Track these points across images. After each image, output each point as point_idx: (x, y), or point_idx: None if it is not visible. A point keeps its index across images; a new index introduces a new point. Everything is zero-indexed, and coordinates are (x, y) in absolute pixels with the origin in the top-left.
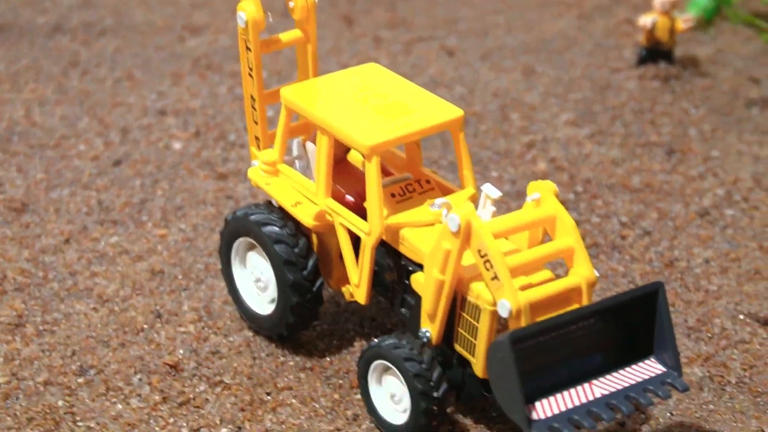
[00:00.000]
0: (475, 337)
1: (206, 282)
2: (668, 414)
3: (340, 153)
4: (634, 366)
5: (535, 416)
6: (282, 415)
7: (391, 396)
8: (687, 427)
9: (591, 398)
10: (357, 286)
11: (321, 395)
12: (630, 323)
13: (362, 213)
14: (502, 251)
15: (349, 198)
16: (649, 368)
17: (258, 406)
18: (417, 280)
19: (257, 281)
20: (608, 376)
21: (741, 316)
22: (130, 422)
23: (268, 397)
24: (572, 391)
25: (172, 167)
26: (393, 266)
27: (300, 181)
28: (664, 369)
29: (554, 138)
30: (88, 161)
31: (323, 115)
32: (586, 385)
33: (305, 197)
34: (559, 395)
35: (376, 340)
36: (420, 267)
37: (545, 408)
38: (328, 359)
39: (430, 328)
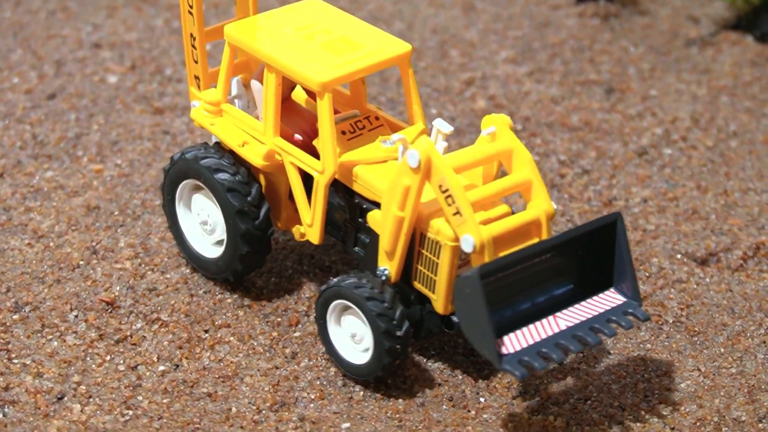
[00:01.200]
0: (435, 273)
1: (143, 218)
2: (608, 353)
3: (286, 91)
4: (594, 297)
5: (504, 351)
6: (220, 352)
7: (352, 336)
8: (624, 366)
9: (557, 330)
10: (310, 225)
11: (259, 333)
12: (590, 255)
13: (311, 152)
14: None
15: (297, 137)
16: (610, 299)
17: (196, 344)
18: (374, 218)
19: (204, 224)
20: (571, 308)
21: (678, 256)
22: (66, 359)
23: (206, 335)
24: (538, 324)
25: (108, 101)
26: (345, 205)
27: (246, 120)
28: (624, 299)
29: (493, 75)
30: (22, 94)
31: (271, 52)
32: (550, 317)
33: (252, 137)
34: (525, 329)
35: (334, 279)
36: (375, 205)
37: (513, 342)
38: (266, 297)
39: (388, 266)
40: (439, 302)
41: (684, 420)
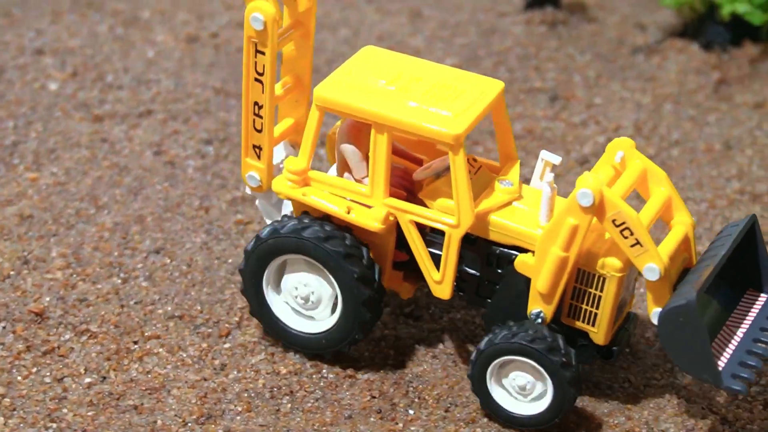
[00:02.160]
0: (595, 306)
1: (77, 227)
2: None
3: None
4: (746, 298)
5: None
6: (148, 364)
7: (521, 389)
8: None
9: (739, 338)
10: (439, 282)
11: (189, 344)
12: (739, 259)
13: (416, 204)
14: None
15: (399, 191)
16: (759, 299)
17: (124, 355)
18: (524, 263)
19: (304, 301)
20: (735, 313)
21: None
22: None
23: (135, 346)
24: (722, 335)
25: (47, 108)
26: (475, 254)
27: (344, 185)
28: None
29: None
30: None
31: (381, 110)
32: (725, 326)
33: (353, 201)
34: (718, 342)
35: (484, 341)
36: (511, 249)
37: (720, 359)
38: (198, 308)
39: (543, 308)
40: (600, 334)
41: None
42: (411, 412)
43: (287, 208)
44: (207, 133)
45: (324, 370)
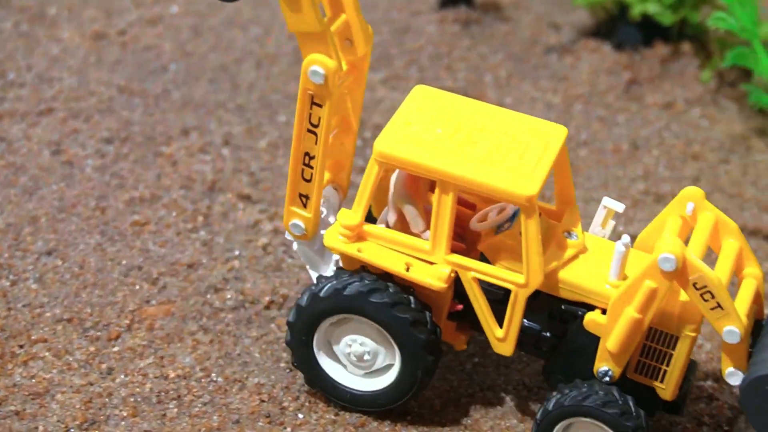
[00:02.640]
0: (665, 363)
1: None
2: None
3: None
4: None
5: None
6: (33, 368)
7: None
8: (450, 381)
9: None
10: (502, 340)
11: (76, 348)
12: None
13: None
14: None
15: (457, 243)
16: None
17: (8, 360)
18: (594, 321)
19: (359, 359)
20: None
21: None
22: None
23: (21, 350)
24: None
25: None
26: (537, 310)
27: (402, 240)
28: None
29: None
30: None
31: (448, 168)
32: None
33: (411, 257)
34: None
35: (552, 402)
36: (577, 305)
37: None
38: (88, 311)
39: (611, 366)
40: (668, 390)
41: None
42: (300, 416)
43: (331, 258)
44: (108, 132)
45: (213, 374)
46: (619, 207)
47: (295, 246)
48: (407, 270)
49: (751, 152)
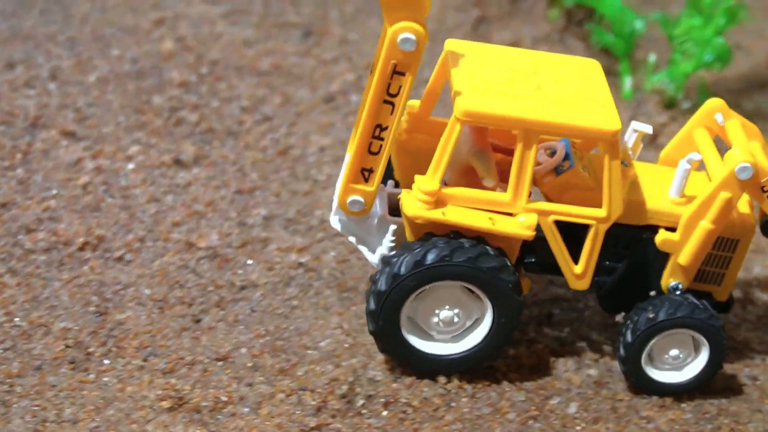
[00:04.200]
0: (724, 267)
1: None
2: (249, 311)
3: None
4: None
5: None
6: None
7: (674, 358)
8: (267, 324)
9: None
10: (581, 276)
11: None
12: None
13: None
14: None
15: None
16: None
17: None
18: (670, 240)
19: (448, 324)
20: None
21: None
22: None
23: None
24: None
25: None
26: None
27: (484, 197)
28: None
29: (186, 15)
30: None
31: (535, 116)
32: None
33: (491, 211)
34: None
35: (640, 318)
36: (639, 229)
37: None
38: None
39: (681, 280)
40: (725, 291)
41: (318, 380)
42: (106, 362)
43: (386, 230)
44: None
45: (17, 318)
46: (648, 129)
47: (337, 224)
48: (493, 225)
49: None
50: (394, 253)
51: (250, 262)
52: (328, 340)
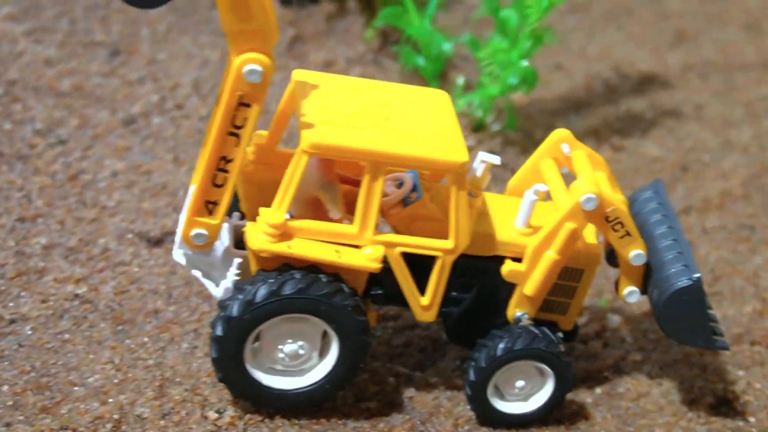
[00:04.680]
0: (569, 297)
1: None
2: (16, 346)
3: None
4: None
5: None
6: None
7: (519, 389)
8: (33, 360)
9: None
10: (427, 308)
11: None
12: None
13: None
14: None
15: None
16: None
17: None
18: (516, 271)
19: (293, 358)
20: None
21: (129, 236)
22: None
23: None
24: None
25: None
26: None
27: (330, 229)
28: None
29: None
30: None
31: (383, 148)
32: None
33: (337, 243)
34: None
35: (480, 355)
36: (485, 260)
37: None
38: None
39: (527, 310)
40: (570, 320)
41: (81, 418)
42: None
43: (229, 263)
44: None
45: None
46: (496, 160)
47: (181, 258)
48: (340, 257)
49: None
50: (228, 282)
51: (23, 294)
52: (96, 376)
